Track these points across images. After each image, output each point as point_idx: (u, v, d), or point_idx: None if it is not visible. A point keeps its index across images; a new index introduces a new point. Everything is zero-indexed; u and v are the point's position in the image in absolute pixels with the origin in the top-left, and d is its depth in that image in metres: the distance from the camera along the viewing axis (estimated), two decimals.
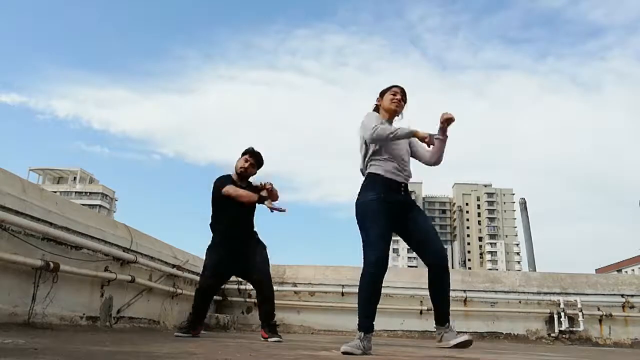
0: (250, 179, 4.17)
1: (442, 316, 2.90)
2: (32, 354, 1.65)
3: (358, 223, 2.80)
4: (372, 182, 2.85)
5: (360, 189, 2.89)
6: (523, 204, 11.14)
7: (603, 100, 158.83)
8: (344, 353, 2.44)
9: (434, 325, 2.95)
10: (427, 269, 2.89)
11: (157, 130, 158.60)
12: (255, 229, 4.15)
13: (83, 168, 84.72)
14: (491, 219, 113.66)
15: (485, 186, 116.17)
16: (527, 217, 10.97)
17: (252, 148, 4.14)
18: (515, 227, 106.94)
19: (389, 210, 2.76)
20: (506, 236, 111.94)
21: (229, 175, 4.11)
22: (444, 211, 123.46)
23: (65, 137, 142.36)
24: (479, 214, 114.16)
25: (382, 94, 3.09)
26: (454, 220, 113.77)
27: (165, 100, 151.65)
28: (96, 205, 74.22)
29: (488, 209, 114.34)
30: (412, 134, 2.77)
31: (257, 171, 4.18)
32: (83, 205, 4.62)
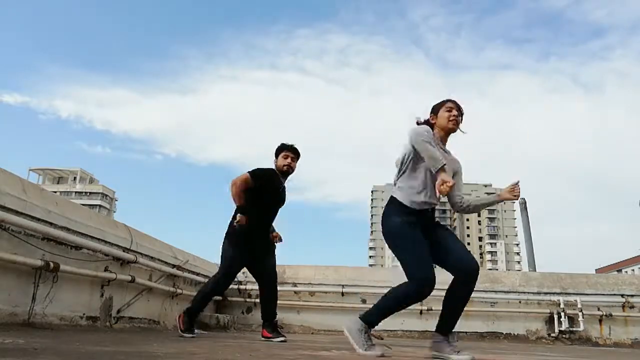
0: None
1: (449, 326, 2.75)
2: (32, 354, 1.65)
3: (389, 243, 2.82)
4: (401, 206, 2.77)
5: (386, 207, 2.86)
6: (523, 204, 11.12)
7: (604, 100, 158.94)
8: (380, 356, 2.57)
9: (434, 332, 2.77)
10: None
11: (158, 131, 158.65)
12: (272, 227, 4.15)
13: (85, 168, 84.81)
14: (491, 219, 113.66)
15: (485, 186, 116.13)
16: (527, 217, 10.95)
17: (285, 144, 4.07)
18: (515, 227, 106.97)
19: (420, 232, 2.71)
20: (506, 236, 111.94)
21: (271, 170, 4.02)
22: (444, 211, 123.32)
23: (67, 137, 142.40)
24: (479, 214, 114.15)
25: (436, 110, 2.82)
26: (454, 220, 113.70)
27: (167, 100, 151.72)
28: (96, 205, 74.22)
29: (488, 209, 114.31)
30: (438, 167, 2.49)
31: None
32: (83, 205, 4.62)
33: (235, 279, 6.29)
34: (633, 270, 63.03)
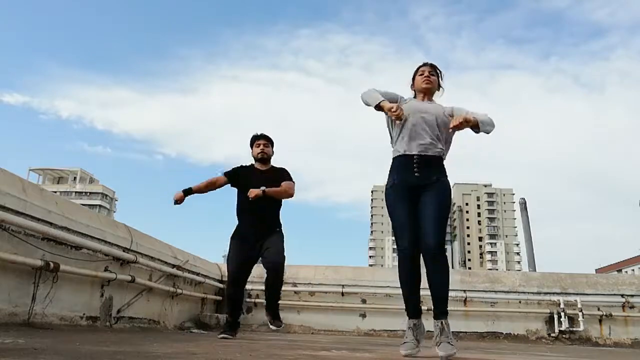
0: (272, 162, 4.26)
1: (435, 309, 2.64)
2: (32, 354, 1.65)
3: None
4: (390, 168, 2.81)
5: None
6: (523, 204, 11.13)
7: (605, 100, 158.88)
8: (406, 356, 2.50)
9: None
10: (424, 269, 2.76)
11: (159, 131, 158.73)
12: (278, 222, 4.16)
13: (85, 168, 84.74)
14: (491, 219, 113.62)
15: (485, 186, 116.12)
16: (527, 217, 10.96)
17: (256, 133, 4.24)
18: (515, 227, 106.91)
19: (406, 194, 2.69)
20: (506, 236, 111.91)
21: (247, 165, 4.21)
22: None
23: (68, 138, 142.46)
24: (479, 214, 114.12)
25: (413, 77, 2.99)
26: (454, 220, 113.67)
27: (168, 100, 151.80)
28: (96, 205, 74.22)
29: (488, 209, 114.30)
30: (375, 104, 2.68)
31: (273, 149, 4.25)
32: (83, 205, 4.62)
33: None
34: (633, 270, 63.03)
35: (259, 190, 3.88)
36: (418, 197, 2.69)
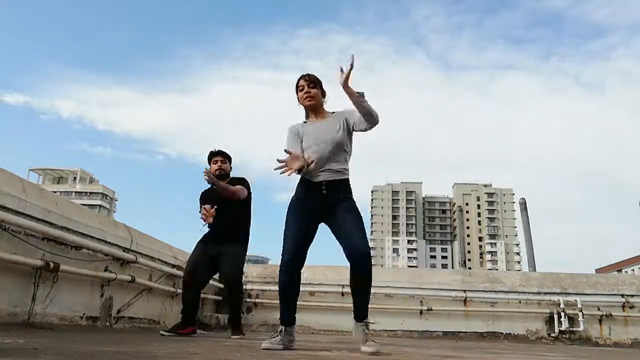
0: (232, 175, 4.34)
1: (355, 310, 2.86)
2: (32, 354, 1.65)
3: None
4: (298, 184, 2.88)
5: None
6: (523, 204, 11.13)
7: (606, 100, 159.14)
8: (265, 349, 2.56)
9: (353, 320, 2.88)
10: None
11: (160, 131, 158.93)
12: (237, 228, 4.18)
13: (86, 168, 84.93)
14: (491, 219, 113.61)
15: (485, 186, 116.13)
16: (527, 217, 10.96)
17: (212, 150, 4.32)
18: (515, 227, 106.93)
19: (308, 210, 2.78)
20: (506, 236, 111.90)
21: (206, 190, 4.29)
22: (444, 211, 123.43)
23: (69, 138, 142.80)
24: (479, 214, 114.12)
25: (296, 92, 2.97)
26: (454, 220, 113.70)
27: (168, 100, 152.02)
28: (96, 205, 74.22)
29: (488, 209, 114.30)
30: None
31: (231, 164, 4.34)
32: (83, 205, 4.62)
33: None
34: (633, 270, 62.99)
35: (213, 178, 3.92)
36: (325, 212, 2.80)
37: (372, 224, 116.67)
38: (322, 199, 2.78)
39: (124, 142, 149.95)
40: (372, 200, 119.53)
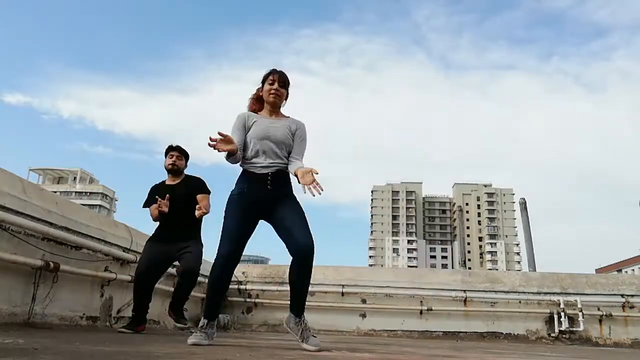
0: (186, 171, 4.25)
1: (297, 306, 2.84)
2: (32, 354, 1.65)
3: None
4: (239, 178, 2.86)
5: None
6: (523, 204, 11.13)
7: (606, 100, 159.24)
8: (192, 345, 2.57)
9: (289, 313, 2.85)
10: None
11: (160, 131, 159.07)
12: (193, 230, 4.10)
13: (86, 168, 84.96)
14: (491, 219, 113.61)
15: (485, 186, 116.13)
16: (527, 217, 10.96)
17: (171, 144, 4.23)
18: (515, 227, 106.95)
19: (250, 205, 2.76)
20: (506, 236, 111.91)
21: (158, 184, 4.19)
22: (444, 211, 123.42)
23: (69, 138, 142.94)
24: (479, 214, 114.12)
25: (263, 81, 2.94)
26: (454, 220, 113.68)
27: (169, 100, 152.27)
28: (96, 205, 74.22)
29: (488, 209, 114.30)
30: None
31: (186, 162, 4.24)
32: (83, 205, 4.62)
33: (235, 279, 6.32)
34: (633, 270, 63.02)
35: (164, 208, 3.85)
36: (268, 207, 2.79)
37: (372, 224, 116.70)
38: (266, 194, 2.77)
39: (124, 142, 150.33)
40: (372, 200, 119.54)
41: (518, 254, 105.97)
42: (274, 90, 2.87)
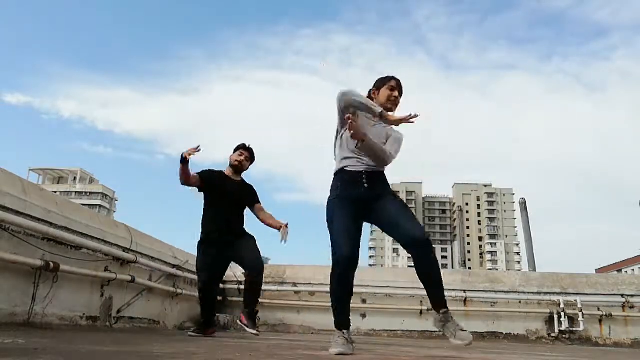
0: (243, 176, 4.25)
1: (435, 300, 2.58)
2: (32, 354, 1.65)
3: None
4: (333, 181, 2.78)
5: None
6: (523, 204, 11.12)
7: (606, 100, 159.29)
8: (339, 354, 2.43)
9: (433, 311, 2.64)
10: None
11: (161, 131, 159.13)
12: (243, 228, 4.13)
13: (86, 168, 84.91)
14: (491, 219, 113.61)
15: (485, 186, 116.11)
16: (527, 217, 10.95)
17: (245, 143, 4.22)
18: (515, 227, 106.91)
19: (350, 206, 2.66)
20: (506, 236, 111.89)
21: (215, 170, 4.16)
22: (444, 211, 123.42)
23: (70, 138, 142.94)
24: (479, 214, 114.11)
25: (379, 86, 2.87)
26: (454, 220, 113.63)
27: (169, 100, 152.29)
28: (96, 205, 74.21)
29: (488, 209, 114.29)
30: (379, 113, 2.56)
31: (250, 166, 4.24)
32: (83, 205, 4.62)
33: (235, 279, 6.32)
34: (633, 270, 63.01)
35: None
36: (368, 206, 2.69)
37: (372, 224, 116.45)
38: (365, 193, 2.66)
39: (124, 142, 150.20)
40: None
41: (518, 254, 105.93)
42: (393, 98, 2.81)
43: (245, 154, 4.16)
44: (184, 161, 3.77)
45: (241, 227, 4.11)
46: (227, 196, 4.00)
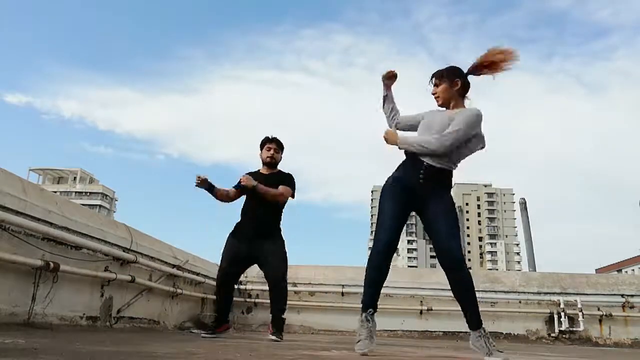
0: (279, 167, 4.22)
1: (470, 320, 2.59)
2: (32, 354, 1.65)
3: None
4: (401, 163, 2.79)
5: None
6: (523, 204, 11.13)
7: (607, 100, 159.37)
8: (362, 354, 2.47)
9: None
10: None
11: (161, 131, 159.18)
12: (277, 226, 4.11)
13: (87, 168, 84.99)
14: (491, 219, 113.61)
15: (485, 186, 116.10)
16: (527, 217, 10.96)
17: (268, 136, 4.18)
18: (515, 227, 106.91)
19: (402, 193, 2.65)
20: (506, 236, 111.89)
21: (252, 172, 4.15)
22: None
23: (70, 138, 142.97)
24: (479, 214, 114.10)
25: (464, 77, 2.98)
26: None
27: (170, 100, 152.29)
28: (96, 205, 74.24)
29: (488, 209, 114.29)
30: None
31: (282, 154, 4.21)
32: (83, 205, 4.62)
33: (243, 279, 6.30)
34: (633, 270, 63.01)
35: (251, 182, 3.86)
36: (418, 202, 2.68)
37: (372, 224, 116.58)
38: (418, 187, 2.64)
39: (125, 142, 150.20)
40: (372, 200, 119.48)
41: (518, 254, 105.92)
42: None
43: (273, 146, 4.13)
44: (208, 190, 3.88)
45: (271, 225, 4.03)
46: (253, 196, 3.98)
